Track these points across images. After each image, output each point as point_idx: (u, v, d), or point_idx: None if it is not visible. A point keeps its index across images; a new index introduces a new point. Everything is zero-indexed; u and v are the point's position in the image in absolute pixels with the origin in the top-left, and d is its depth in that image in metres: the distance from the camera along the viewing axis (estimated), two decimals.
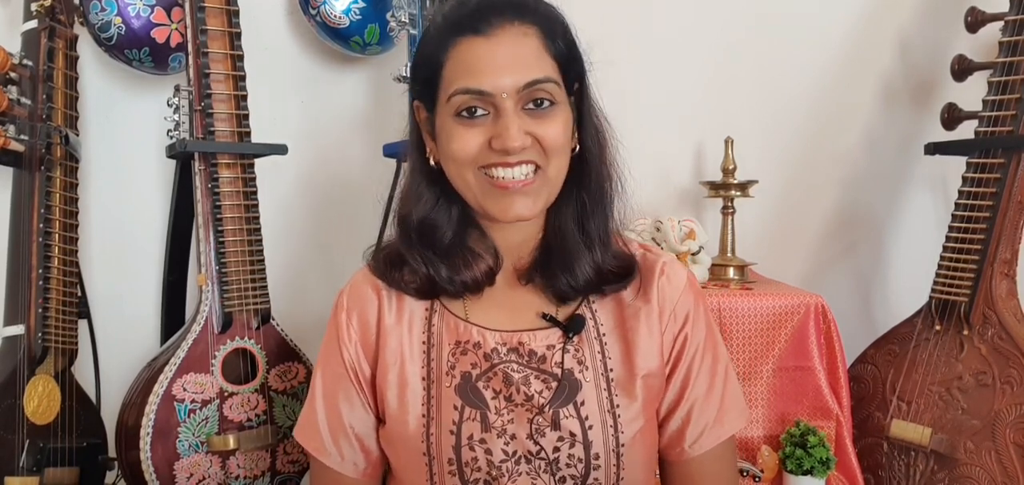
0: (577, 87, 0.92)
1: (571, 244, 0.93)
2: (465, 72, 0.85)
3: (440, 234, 0.93)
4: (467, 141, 0.86)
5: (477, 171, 0.87)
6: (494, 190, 0.87)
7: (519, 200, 0.87)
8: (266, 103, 1.59)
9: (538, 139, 0.86)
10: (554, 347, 0.92)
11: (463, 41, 0.86)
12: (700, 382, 0.96)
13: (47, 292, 1.47)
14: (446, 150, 0.89)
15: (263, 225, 1.52)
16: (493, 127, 0.85)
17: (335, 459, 0.95)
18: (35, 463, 1.42)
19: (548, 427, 0.89)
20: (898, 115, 1.85)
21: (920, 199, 1.86)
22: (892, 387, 1.54)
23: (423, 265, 0.92)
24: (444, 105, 0.88)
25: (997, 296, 1.44)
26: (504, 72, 0.84)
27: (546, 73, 0.86)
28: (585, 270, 0.92)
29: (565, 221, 0.94)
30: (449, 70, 0.87)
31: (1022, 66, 1.44)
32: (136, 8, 1.55)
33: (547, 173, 0.88)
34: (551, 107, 0.87)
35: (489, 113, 0.86)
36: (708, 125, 1.81)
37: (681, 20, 1.85)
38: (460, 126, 0.87)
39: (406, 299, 0.95)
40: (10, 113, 1.42)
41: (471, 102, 0.85)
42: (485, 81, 0.84)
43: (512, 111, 0.85)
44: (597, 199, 0.93)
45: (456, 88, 0.86)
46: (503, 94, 0.84)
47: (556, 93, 0.87)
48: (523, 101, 0.86)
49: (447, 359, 0.92)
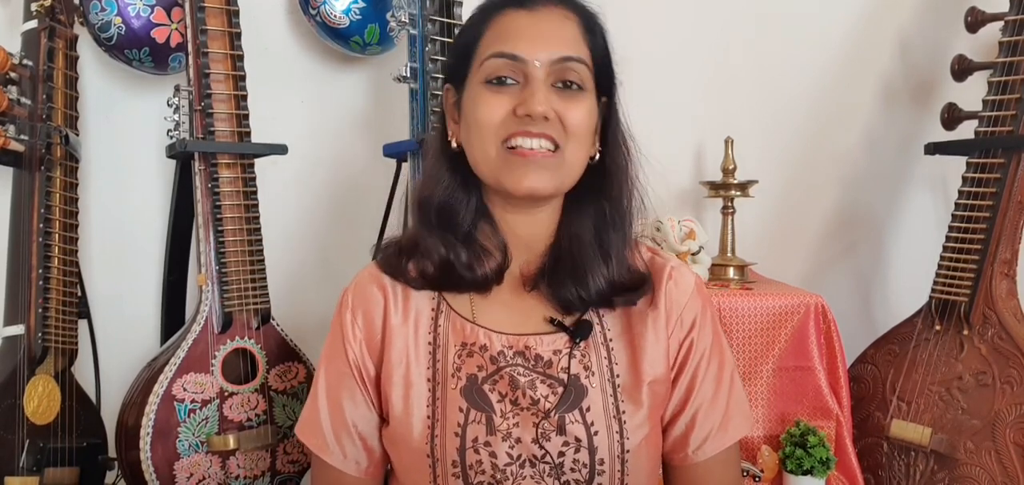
0: (605, 99, 0.93)
1: (587, 253, 0.92)
2: (503, 38, 0.88)
3: (459, 219, 0.93)
4: (494, 108, 0.87)
5: (499, 145, 0.87)
6: (512, 158, 0.87)
7: (533, 171, 0.86)
8: (266, 103, 1.58)
9: (562, 118, 0.86)
10: (561, 352, 0.91)
11: (506, 12, 0.89)
12: (705, 387, 0.95)
13: (47, 292, 1.47)
14: (471, 118, 0.89)
15: (263, 225, 1.52)
16: (520, 94, 0.86)
17: (337, 457, 0.95)
18: (35, 463, 1.42)
19: (553, 432, 0.88)
20: (898, 115, 1.85)
21: (920, 199, 1.86)
22: (892, 387, 1.54)
23: (442, 247, 0.92)
24: (476, 72, 0.89)
25: (997, 296, 1.44)
26: (540, 43, 0.86)
27: (581, 54, 0.88)
28: (597, 282, 0.91)
29: (582, 228, 0.93)
30: (486, 39, 0.89)
31: (1022, 66, 1.44)
32: (136, 8, 1.55)
33: (565, 155, 0.88)
34: (579, 92, 0.88)
35: (519, 83, 0.87)
36: (708, 125, 1.81)
37: (681, 20, 1.85)
38: (488, 92, 0.88)
39: (412, 299, 0.95)
40: (10, 113, 1.42)
41: (503, 67, 0.87)
42: (521, 46, 0.86)
43: (542, 81, 0.86)
44: (618, 212, 0.93)
45: (491, 52, 0.87)
46: (536, 62, 0.85)
47: (586, 79, 0.89)
48: (554, 76, 0.87)
49: (453, 361, 0.91)
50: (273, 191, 1.63)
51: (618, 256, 0.93)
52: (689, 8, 1.85)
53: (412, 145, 1.50)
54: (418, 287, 0.94)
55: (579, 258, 0.92)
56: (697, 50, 1.84)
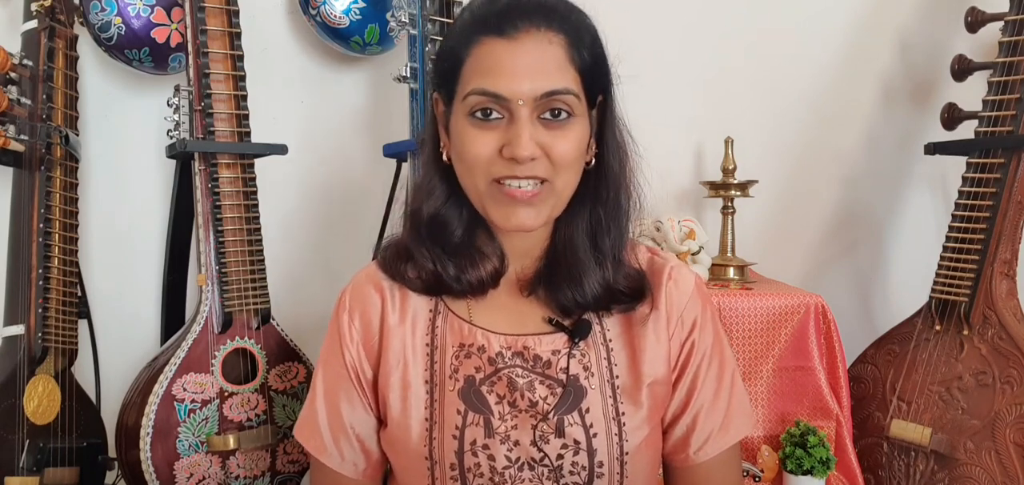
0: (600, 99, 0.90)
1: (581, 257, 0.91)
2: (484, 73, 0.84)
3: (450, 231, 0.92)
4: (479, 145, 0.84)
5: (488, 181, 0.86)
6: (502, 197, 0.85)
7: (522, 210, 0.85)
8: (266, 103, 1.58)
9: (548, 152, 0.84)
10: (559, 352, 0.91)
11: (486, 41, 0.84)
12: (706, 388, 0.95)
13: (47, 292, 1.47)
14: (459, 151, 0.87)
15: (263, 225, 1.52)
16: (506, 133, 0.84)
17: (335, 459, 0.94)
18: (35, 463, 1.43)
19: (552, 434, 0.88)
20: (898, 115, 1.85)
21: (920, 199, 1.86)
22: (892, 387, 1.54)
23: (430, 261, 0.91)
24: (460, 103, 0.86)
25: (997, 296, 1.44)
26: (523, 78, 0.82)
27: (566, 84, 0.84)
28: (593, 286, 0.90)
29: (575, 233, 0.91)
30: (468, 68, 0.85)
31: (1022, 66, 1.43)
32: (136, 8, 1.55)
33: (554, 186, 0.86)
34: (568, 119, 0.85)
35: (503, 117, 0.84)
36: (708, 125, 1.81)
37: (681, 20, 1.85)
38: (473, 128, 0.85)
39: (410, 299, 0.94)
40: (10, 113, 1.42)
41: (486, 104, 0.84)
42: (502, 85, 0.82)
43: (526, 119, 0.83)
44: (613, 215, 0.91)
45: (473, 88, 0.84)
46: (519, 101, 0.82)
47: (574, 106, 0.85)
48: (539, 110, 0.84)
49: (450, 362, 0.91)
50: (273, 191, 1.63)
51: (614, 259, 0.92)
52: (689, 8, 1.85)
53: (412, 145, 1.50)
54: (416, 289, 0.94)
55: (574, 262, 0.91)
56: (697, 50, 1.84)
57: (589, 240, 0.91)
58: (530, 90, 0.82)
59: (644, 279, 0.94)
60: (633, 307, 0.93)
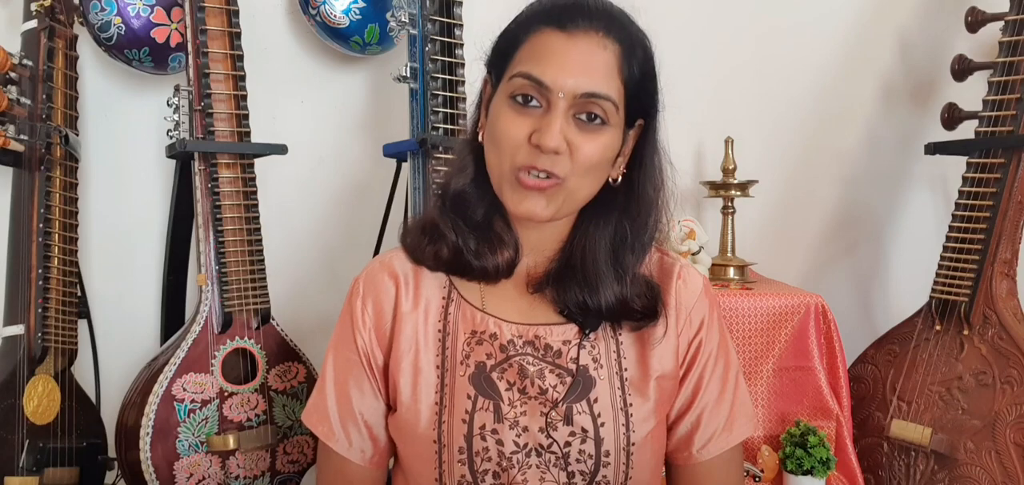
0: (641, 123, 0.92)
1: (600, 265, 0.92)
2: (535, 59, 0.86)
3: (472, 209, 0.94)
4: (513, 127, 0.86)
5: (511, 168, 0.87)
6: (517, 184, 0.87)
7: (533, 197, 0.87)
8: (266, 103, 1.59)
9: (573, 151, 0.85)
10: (570, 343, 0.92)
11: (545, 30, 0.87)
12: (711, 388, 0.96)
13: (47, 292, 1.47)
14: (492, 130, 0.89)
15: (263, 225, 1.52)
16: (539, 121, 0.85)
17: (343, 445, 0.95)
18: (35, 463, 1.42)
19: (560, 421, 0.90)
20: (898, 115, 1.85)
21: (920, 199, 1.86)
22: (892, 387, 1.54)
23: (453, 233, 0.93)
24: (505, 83, 0.88)
25: (997, 296, 1.44)
26: (569, 73, 0.84)
27: (608, 91, 0.85)
28: (607, 298, 0.92)
29: (598, 242, 0.93)
30: (522, 52, 0.88)
31: (1022, 66, 1.44)
32: (136, 8, 1.55)
33: (567, 184, 0.87)
34: (601, 126, 0.86)
35: (541, 107, 0.86)
36: (708, 125, 1.81)
37: (681, 20, 1.85)
38: (511, 110, 0.87)
39: (423, 287, 0.95)
40: (10, 113, 1.42)
41: (528, 89, 0.86)
42: (548, 74, 0.84)
43: (562, 112, 0.85)
44: (639, 234, 0.93)
45: (519, 70, 0.86)
46: (560, 93, 0.84)
47: (610, 115, 0.86)
48: (576, 108, 0.85)
49: (462, 348, 0.92)
50: (273, 191, 1.63)
51: (633, 275, 0.93)
52: (689, 8, 1.84)
53: (412, 145, 1.50)
54: (435, 267, 0.95)
55: (591, 270, 0.92)
56: (697, 50, 1.84)
57: (611, 251, 0.93)
58: (573, 86, 0.84)
59: (657, 296, 0.95)
60: (643, 325, 0.94)
